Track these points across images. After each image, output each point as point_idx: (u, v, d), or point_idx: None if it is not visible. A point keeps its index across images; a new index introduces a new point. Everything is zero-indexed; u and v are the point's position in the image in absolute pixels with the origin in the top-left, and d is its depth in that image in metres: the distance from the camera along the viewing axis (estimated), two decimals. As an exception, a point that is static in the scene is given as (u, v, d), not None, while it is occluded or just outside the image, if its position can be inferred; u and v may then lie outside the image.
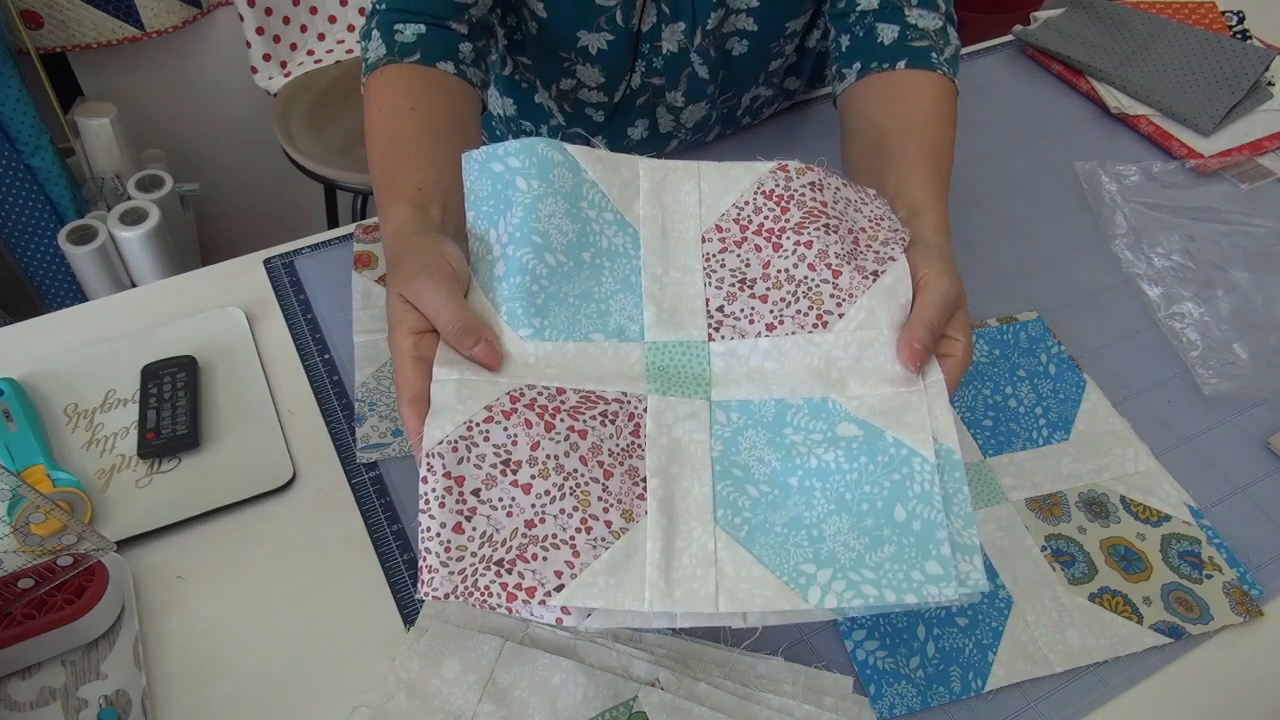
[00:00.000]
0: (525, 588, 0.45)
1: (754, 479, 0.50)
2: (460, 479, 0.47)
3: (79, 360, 0.75)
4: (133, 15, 1.51)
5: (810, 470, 0.50)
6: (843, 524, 0.48)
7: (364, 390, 0.73)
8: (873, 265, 0.54)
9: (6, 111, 1.36)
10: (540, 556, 0.46)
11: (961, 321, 0.55)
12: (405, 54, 0.69)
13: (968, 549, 0.47)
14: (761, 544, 0.48)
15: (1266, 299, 0.84)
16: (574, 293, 0.53)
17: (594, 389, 0.51)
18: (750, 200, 0.56)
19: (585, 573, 0.46)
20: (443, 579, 0.45)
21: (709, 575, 0.47)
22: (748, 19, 0.84)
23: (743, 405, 0.53)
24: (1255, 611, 0.63)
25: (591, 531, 0.47)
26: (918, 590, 0.46)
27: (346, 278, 0.82)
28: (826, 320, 0.53)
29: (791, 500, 0.49)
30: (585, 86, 0.88)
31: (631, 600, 0.45)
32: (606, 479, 0.48)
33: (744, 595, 0.46)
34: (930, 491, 0.48)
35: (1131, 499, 0.69)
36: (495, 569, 0.45)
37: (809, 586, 0.46)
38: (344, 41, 1.73)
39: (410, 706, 0.56)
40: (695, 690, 0.57)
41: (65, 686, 0.57)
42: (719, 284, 0.55)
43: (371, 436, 0.70)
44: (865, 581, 0.46)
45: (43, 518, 0.60)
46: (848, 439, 0.50)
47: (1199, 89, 1.02)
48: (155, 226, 1.49)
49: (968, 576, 0.46)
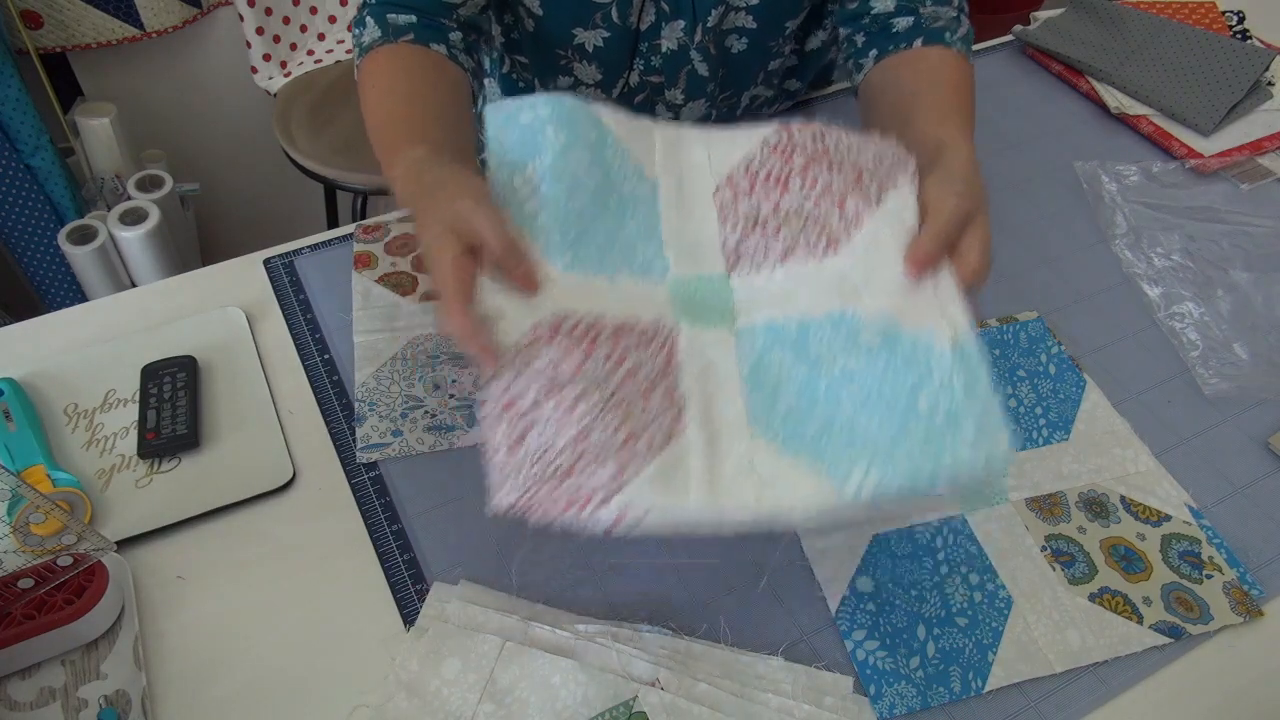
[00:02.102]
0: (581, 497, 0.48)
1: (784, 392, 0.54)
2: (511, 402, 0.50)
3: (79, 360, 0.75)
4: (133, 15, 1.51)
5: (835, 377, 0.53)
6: (871, 421, 0.51)
7: (364, 390, 0.73)
8: (876, 193, 0.58)
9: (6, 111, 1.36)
10: (590, 469, 0.49)
11: (975, 233, 0.56)
12: (399, 35, 0.71)
13: (992, 428, 0.49)
14: (796, 448, 0.51)
15: (1266, 299, 0.84)
16: (602, 233, 0.57)
17: (628, 318, 0.55)
18: (757, 155, 0.61)
19: (634, 482, 0.49)
20: (505, 494, 0.49)
21: (749, 480, 0.51)
22: (747, 16, 0.84)
23: (767, 328, 0.56)
24: (1255, 611, 0.63)
25: (637, 446, 0.50)
26: (948, 471, 0.48)
27: (346, 278, 0.82)
28: (837, 244, 0.57)
29: (821, 406, 0.53)
30: (583, 84, 0.89)
31: (678, 505, 0.49)
32: (646, 399, 0.52)
33: (784, 495, 0.50)
34: (950, 381, 0.50)
35: (1131, 499, 0.69)
36: (551, 482, 0.49)
37: (845, 480, 0.49)
38: (344, 41, 1.73)
39: (410, 706, 0.56)
40: (695, 690, 0.57)
41: (65, 686, 0.57)
42: (733, 227, 0.60)
43: (371, 436, 0.70)
44: (897, 469, 0.49)
45: (43, 518, 0.60)
46: (868, 344, 0.53)
47: (1199, 89, 1.02)
48: (155, 226, 1.49)
49: (994, 453, 0.48)
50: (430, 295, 0.80)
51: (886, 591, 0.63)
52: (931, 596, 0.62)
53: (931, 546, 0.65)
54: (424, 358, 0.75)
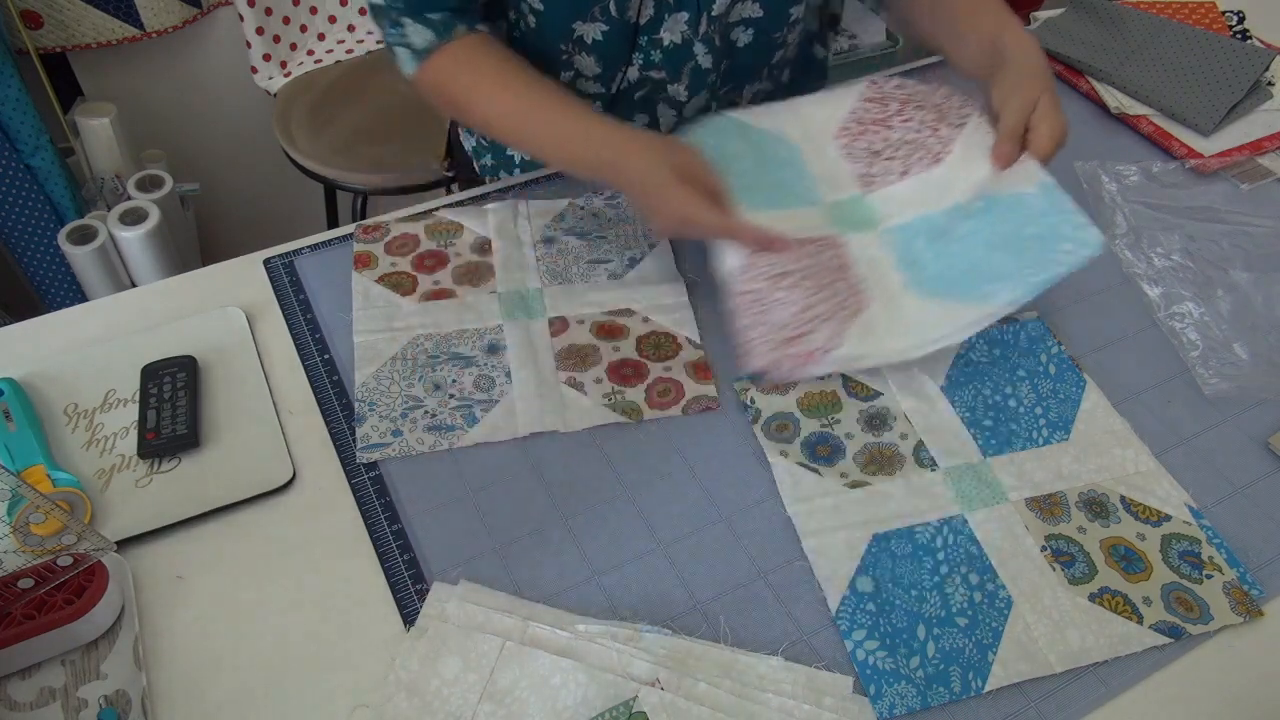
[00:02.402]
0: (809, 352, 0.70)
1: (929, 261, 0.75)
2: (748, 293, 0.71)
3: (79, 360, 0.75)
4: (133, 15, 1.51)
5: (962, 237, 0.75)
6: (995, 256, 0.72)
7: (364, 390, 0.73)
8: (957, 120, 0.80)
9: (6, 111, 1.36)
10: (814, 333, 0.70)
11: (1042, 116, 0.72)
12: (449, 29, 0.78)
13: (1080, 226, 0.71)
14: (950, 292, 0.73)
15: (1266, 299, 0.84)
16: (769, 184, 0.79)
17: (808, 233, 0.76)
18: (857, 107, 0.85)
19: (845, 336, 0.71)
20: (756, 359, 0.70)
21: (925, 320, 0.72)
22: (754, 6, 0.84)
23: (901, 226, 0.78)
24: (1255, 611, 0.63)
25: (841, 314, 0.72)
26: (1059, 265, 0.70)
27: (347, 278, 0.82)
28: (939, 159, 0.79)
29: (957, 260, 0.74)
30: (583, 77, 0.89)
31: (877, 349, 0.72)
32: (836, 283, 0.74)
33: (951, 323, 0.71)
34: (1044, 208, 0.72)
35: (1131, 499, 0.69)
36: (788, 345, 0.70)
37: (992, 297, 0.70)
38: (344, 41, 1.73)
39: (410, 706, 0.56)
40: (695, 690, 0.57)
41: (65, 686, 0.57)
42: (856, 160, 0.82)
43: (371, 436, 0.70)
44: (1025, 278, 0.70)
45: (43, 518, 0.60)
46: (979, 209, 0.75)
47: (1199, 89, 1.02)
48: (155, 226, 1.49)
49: (1086, 244, 0.70)
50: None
51: (886, 591, 0.63)
52: (931, 596, 0.62)
53: (931, 546, 0.65)
54: (424, 358, 0.75)
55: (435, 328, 0.78)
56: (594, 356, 0.76)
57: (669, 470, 0.70)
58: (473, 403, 0.73)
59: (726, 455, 0.71)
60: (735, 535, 0.66)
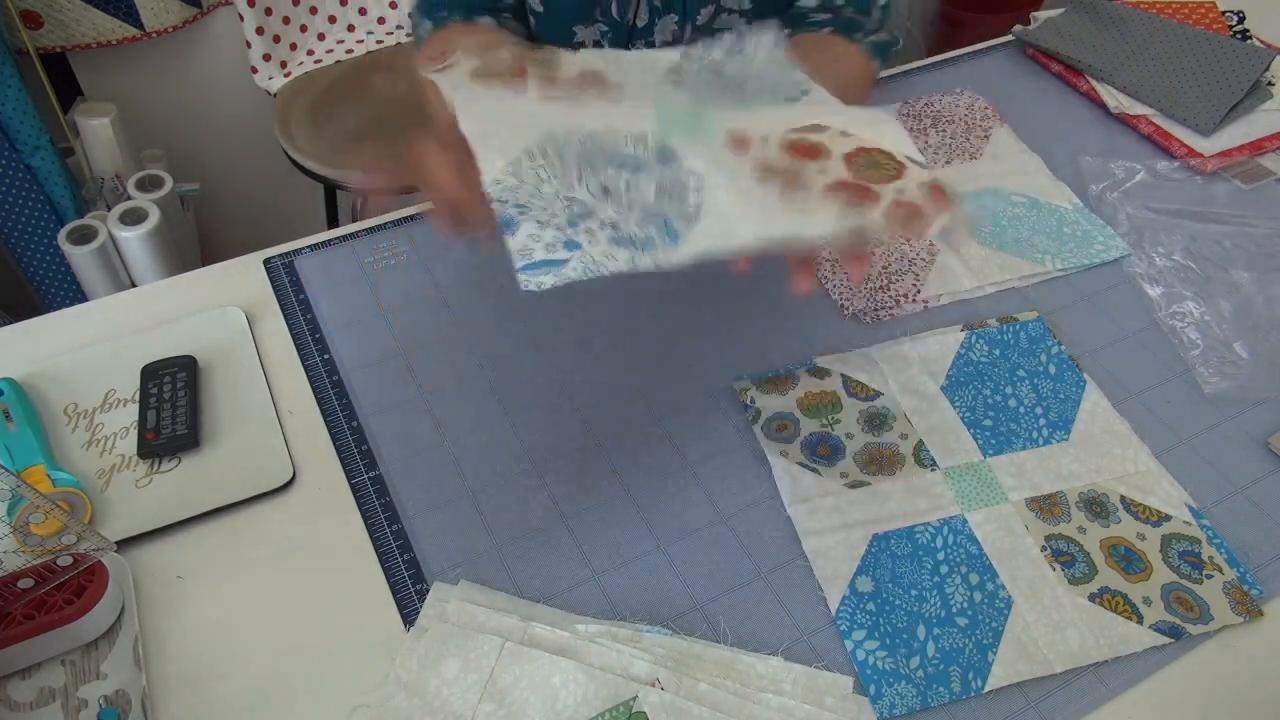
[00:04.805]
0: (901, 296, 0.83)
1: (987, 227, 0.90)
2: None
3: (79, 360, 0.75)
4: (133, 15, 1.51)
5: (1013, 220, 0.91)
6: (1040, 240, 0.89)
7: (501, 189, 0.51)
8: (984, 128, 1.00)
9: (6, 111, 1.36)
10: (899, 283, 0.84)
11: None
12: (442, 22, 0.78)
13: (1109, 236, 0.90)
14: (1007, 250, 0.88)
15: (1267, 299, 0.84)
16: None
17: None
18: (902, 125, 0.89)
19: (924, 285, 0.85)
20: (853, 305, 0.82)
21: (990, 271, 0.86)
22: (740, 19, 0.84)
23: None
24: (1255, 611, 0.63)
25: (921, 271, 0.87)
26: (1096, 257, 0.88)
27: (346, 277, 0.82)
28: (978, 155, 0.97)
29: (1007, 233, 0.89)
30: None
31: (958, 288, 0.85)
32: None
33: (1012, 269, 0.85)
34: (1078, 219, 0.91)
35: (1131, 499, 0.69)
36: (882, 292, 0.83)
37: (1043, 258, 0.87)
38: (344, 41, 1.73)
39: (410, 706, 0.56)
40: (695, 690, 0.57)
41: (65, 686, 0.56)
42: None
43: (535, 250, 0.48)
44: (1070, 256, 0.87)
45: (43, 518, 0.60)
46: (1022, 205, 0.92)
47: (1199, 89, 1.02)
48: (155, 226, 1.49)
49: (1114, 249, 0.88)
50: None
51: (886, 591, 0.63)
52: (931, 596, 0.62)
53: (931, 546, 0.65)
54: (572, 157, 0.53)
55: (576, 126, 0.55)
56: (798, 181, 0.53)
57: (669, 470, 0.70)
58: (663, 213, 0.51)
59: (726, 455, 0.71)
60: (735, 535, 0.66)
